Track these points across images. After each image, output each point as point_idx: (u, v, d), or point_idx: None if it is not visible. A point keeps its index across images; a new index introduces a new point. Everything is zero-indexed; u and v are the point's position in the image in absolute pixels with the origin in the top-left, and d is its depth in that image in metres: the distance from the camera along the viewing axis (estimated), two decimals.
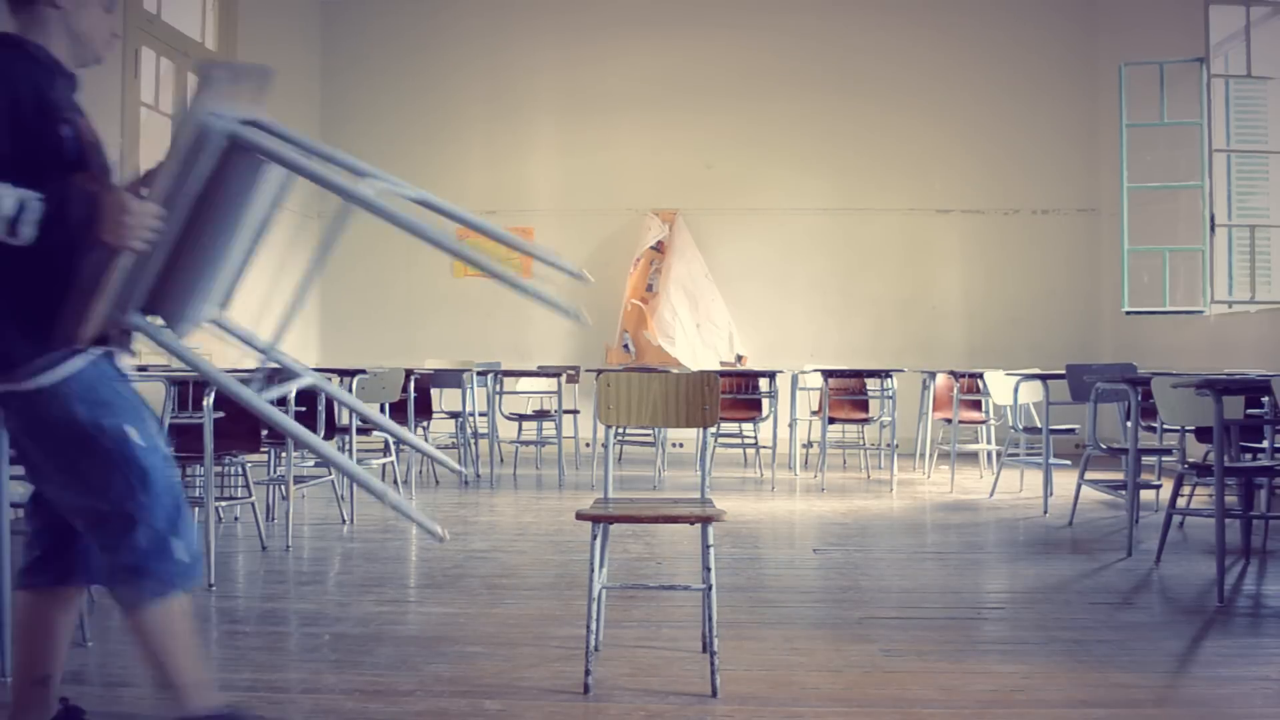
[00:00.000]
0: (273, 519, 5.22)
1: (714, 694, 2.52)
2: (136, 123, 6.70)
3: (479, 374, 7.27)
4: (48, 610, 2.08)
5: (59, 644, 2.10)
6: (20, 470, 3.51)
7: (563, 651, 2.88)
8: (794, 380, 7.36)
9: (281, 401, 4.58)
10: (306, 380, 2.19)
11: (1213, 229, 7.38)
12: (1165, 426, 4.98)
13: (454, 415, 7.38)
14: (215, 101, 1.80)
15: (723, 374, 7.27)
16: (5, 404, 1.96)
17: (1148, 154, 7.83)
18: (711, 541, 2.60)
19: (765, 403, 7.26)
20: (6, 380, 1.90)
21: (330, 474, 5.32)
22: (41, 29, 2.02)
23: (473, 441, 7.21)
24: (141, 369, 5.55)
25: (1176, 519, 4.99)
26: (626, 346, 9.34)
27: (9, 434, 2.03)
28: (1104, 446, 5.08)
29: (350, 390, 5.48)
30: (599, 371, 4.84)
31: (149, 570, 1.95)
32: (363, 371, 5.74)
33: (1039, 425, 6.00)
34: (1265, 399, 4.24)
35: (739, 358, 9.18)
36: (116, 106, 6.46)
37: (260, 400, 1.97)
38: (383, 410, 6.33)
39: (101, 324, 1.90)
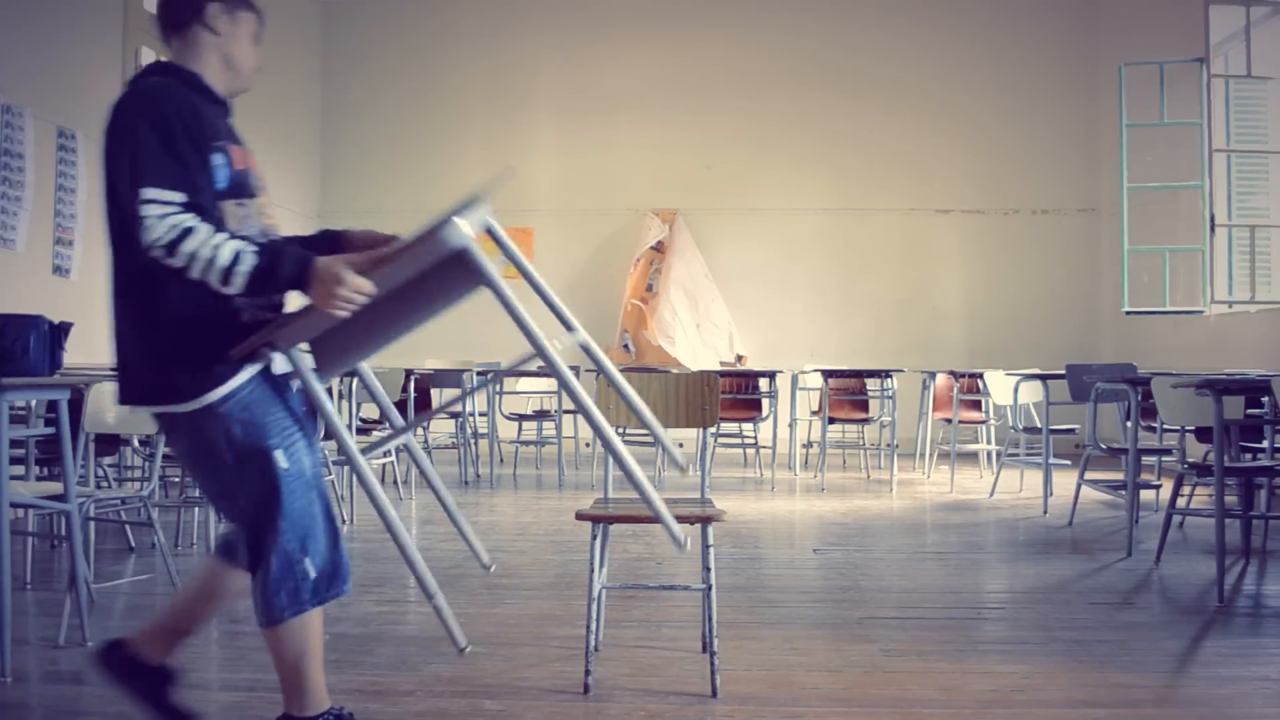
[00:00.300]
0: None
1: (714, 694, 2.52)
2: None
3: (479, 374, 7.27)
4: (222, 582, 2.18)
5: (213, 613, 2.23)
6: (20, 470, 3.52)
7: (563, 651, 2.88)
8: (794, 380, 7.36)
9: None
10: (401, 440, 2.26)
11: (1213, 229, 7.38)
12: (1165, 426, 4.98)
13: (454, 415, 7.38)
14: (466, 219, 1.89)
15: (723, 374, 7.27)
16: (173, 426, 2.06)
17: (1148, 154, 7.82)
18: (711, 541, 2.60)
19: (765, 403, 7.26)
20: (174, 405, 1.99)
21: (330, 474, 5.31)
22: (196, 55, 2.10)
23: (473, 441, 7.21)
24: None
25: (1176, 519, 4.98)
26: (626, 346, 9.34)
27: (177, 454, 2.16)
28: (1104, 446, 5.08)
29: (351, 390, 5.48)
30: (598, 372, 4.84)
31: (279, 590, 2.02)
32: None
33: (1039, 425, 6.00)
34: (1265, 399, 4.24)
35: (739, 358, 9.17)
36: None
37: (363, 464, 2.07)
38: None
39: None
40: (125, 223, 1.89)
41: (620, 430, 7.98)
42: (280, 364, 2.06)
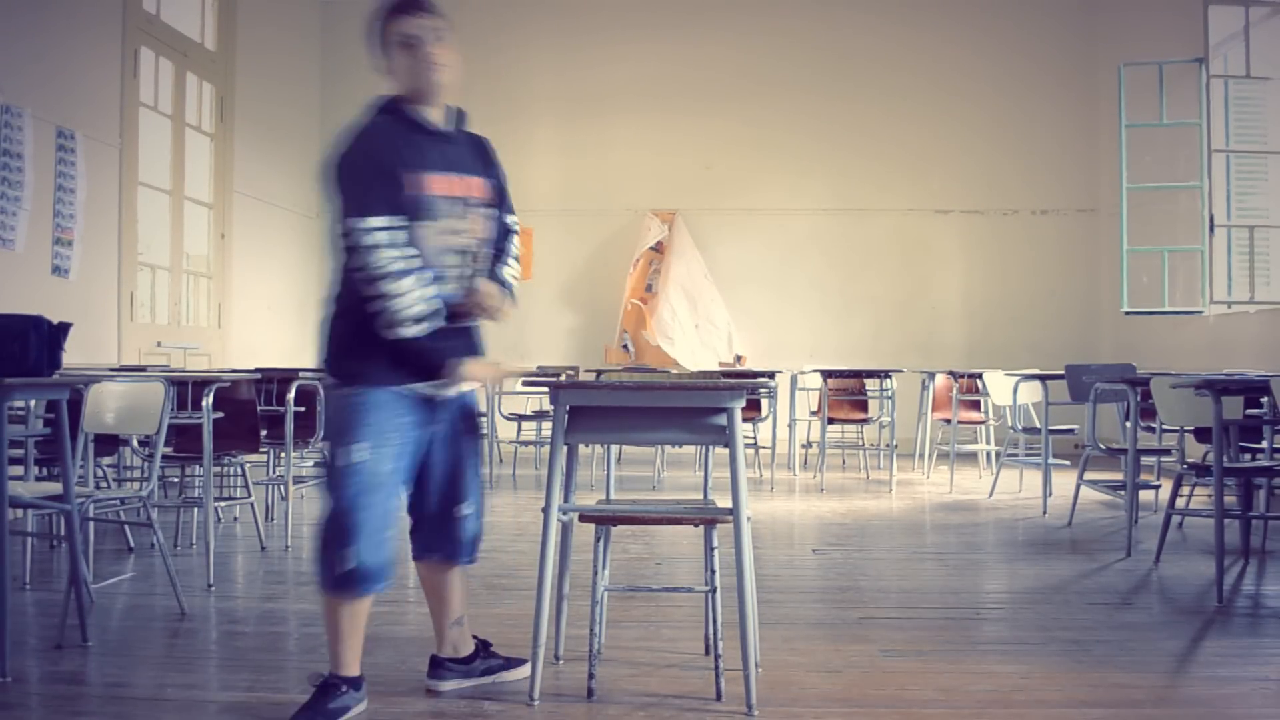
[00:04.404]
0: (272, 519, 5.22)
1: (718, 697, 2.52)
2: (135, 123, 6.69)
3: None
4: (429, 575, 2.62)
5: (452, 598, 2.63)
6: (20, 470, 3.51)
7: (563, 652, 2.88)
8: (793, 380, 7.36)
9: (280, 400, 4.58)
10: None
11: (1212, 229, 7.38)
12: (1164, 427, 4.98)
13: None
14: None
15: (722, 374, 7.26)
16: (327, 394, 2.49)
17: (1147, 154, 7.82)
18: (716, 544, 2.60)
19: (764, 403, 7.26)
20: (330, 376, 2.42)
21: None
22: (389, 82, 2.46)
23: None
24: (139, 369, 5.55)
25: (1175, 519, 4.99)
26: (626, 347, 9.34)
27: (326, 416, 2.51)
28: (1103, 447, 5.07)
29: None
30: (598, 372, 4.86)
31: (320, 562, 2.34)
32: None
33: (1038, 425, 6.00)
34: (1264, 399, 4.24)
35: (738, 358, 9.18)
36: (115, 106, 6.46)
37: None
38: None
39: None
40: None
41: None
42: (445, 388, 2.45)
